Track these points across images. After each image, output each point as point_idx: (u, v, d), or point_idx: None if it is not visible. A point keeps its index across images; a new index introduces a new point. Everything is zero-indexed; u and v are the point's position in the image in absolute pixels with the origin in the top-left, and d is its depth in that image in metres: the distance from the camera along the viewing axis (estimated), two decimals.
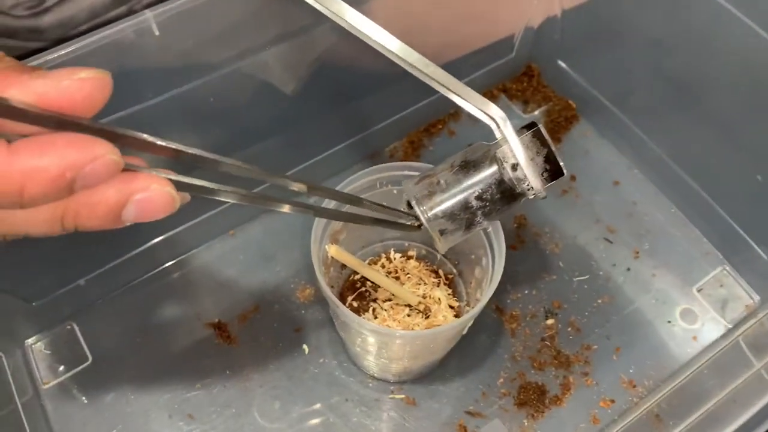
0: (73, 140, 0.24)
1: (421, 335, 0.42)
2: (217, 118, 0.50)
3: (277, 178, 0.33)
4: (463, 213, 0.40)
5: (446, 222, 0.40)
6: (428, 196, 0.40)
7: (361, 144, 0.64)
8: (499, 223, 0.45)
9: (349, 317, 0.41)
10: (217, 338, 0.55)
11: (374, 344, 0.45)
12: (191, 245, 0.60)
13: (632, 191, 0.64)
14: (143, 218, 0.27)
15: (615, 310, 0.58)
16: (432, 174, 0.41)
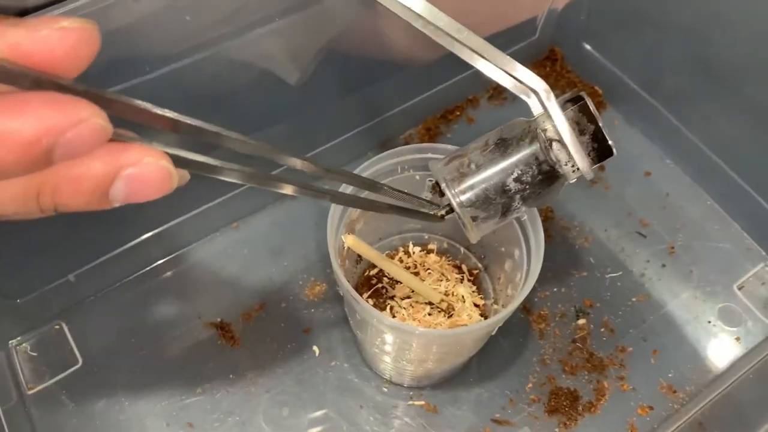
0: (51, 100, 0.20)
1: (456, 334, 0.38)
2: (218, 100, 0.47)
3: (289, 157, 0.29)
4: (500, 197, 0.36)
5: (480, 207, 0.36)
6: (459, 178, 0.36)
7: (373, 131, 0.61)
8: (536, 211, 0.41)
9: (370, 313, 0.37)
10: (219, 339, 0.52)
11: (396, 345, 0.42)
12: (191, 238, 0.56)
13: (665, 182, 0.61)
14: (135, 197, 0.23)
15: (651, 310, 0.54)
16: (463, 154, 0.37)
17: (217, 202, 0.55)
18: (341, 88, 0.55)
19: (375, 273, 0.52)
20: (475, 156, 0.37)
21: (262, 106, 0.50)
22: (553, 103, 0.34)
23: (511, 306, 0.38)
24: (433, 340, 0.39)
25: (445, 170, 0.37)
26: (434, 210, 0.39)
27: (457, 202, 0.36)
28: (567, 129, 0.34)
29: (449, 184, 0.36)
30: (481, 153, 0.36)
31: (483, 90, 0.67)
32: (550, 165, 0.36)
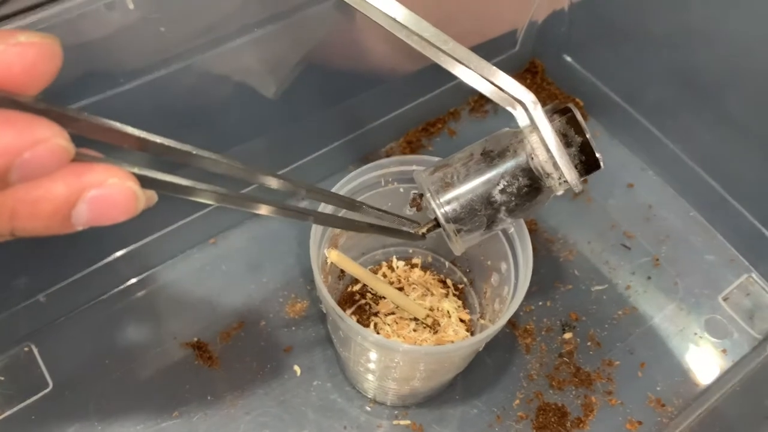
0: (8, 119, 0.19)
1: (444, 351, 0.37)
2: (194, 113, 0.46)
3: (264, 176, 0.28)
4: (485, 208, 0.36)
5: (464, 218, 0.36)
6: (444, 188, 0.36)
7: (354, 144, 0.60)
8: (524, 224, 0.41)
9: (354, 330, 0.36)
10: (196, 359, 0.50)
11: (381, 363, 0.41)
12: (166, 255, 0.55)
13: (648, 194, 0.61)
14: (99, 221, 0.21)
15: (637, 322, 0.54)
16: (449, 164, 0.37)
17: (194, 217, 0.54)
18: (321, 101, 0.54)
19: (358, 289, 0.51)
20: (460, 166, 0.36)
21: (239, 120, 0.49)
22: (541, 115, 0.34)
23: (501, 321, 0.37)
24: (420, 357, 0.38)
25: (430, 180, 0.36)
26: (415, 228, 0.38)
27: (441, 212, 0.36)
28: (554, 140, 0.34)
29: (433, 194, 0.36)
30: (467, 163, 0.36)
31: (464, 102, 0.67)
32: (537, 177, 0.35)
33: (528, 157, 0.35)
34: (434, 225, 0.38)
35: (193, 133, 0.47)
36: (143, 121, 0.43)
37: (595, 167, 0.36)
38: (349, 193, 0.43)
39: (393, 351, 0.37)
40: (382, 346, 0.37)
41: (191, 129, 0.47)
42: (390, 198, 0.45)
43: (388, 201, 0.46)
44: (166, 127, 0.45)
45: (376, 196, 0.45)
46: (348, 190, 0.43)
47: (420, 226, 0.38)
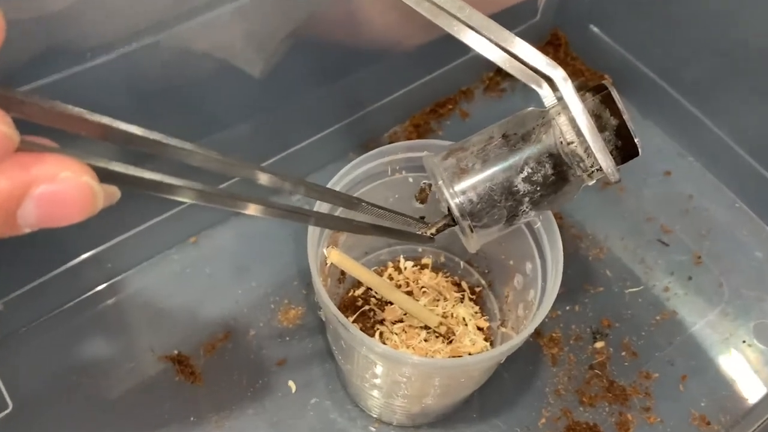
0: None
1: (463, 364, 0.37)
2: (170, 94, 0.46)
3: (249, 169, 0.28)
4: (506, 199, 0.35)
5: (482, 211, 0.35)
6: (459, 176, 0.35)
7: (353, 129, 0.60)
8: (551, 216, 0.40)
9: (359, 340, 0.36)
10: (176, 375, 0.50)
11: (388, 377, 0.40)
12: (140, 257, 0.55)
13: (687, 183, 0.61)
14: (49, 221, 0.20)
15: (677, 329, 0.54)
16: (465, 148, 0.36)
17: (172, 213, 0.53)
18: (314, 80, 0.54)
19: (361, 293, 0.50)
20: (478, 151, 0.36)
21: (221, 103, 0.49)
22: (572, 92, 0.34)
23: (527, 329, 0.37)
24: (434, 371, 0.38)
25: (442, 166, 0.36)
26: (423, 228, 0.38)
27: (455, 203, 0.35)
28: (587, 122, 0.33)
29: (447, 182, 0.35)
30: (485, 147, 0.36)
31: (478, 80, 0.66)
32: (566, 164, 0.35)
33: (556, 142, 0.34)
34: (445, 224, 0.37)
35: (169, 117, 0.47)
36: (112, 104, 0.43)
37: (632, 154, 0.35)
38: (351, 184, 0.43)
39: (403, 364, 0.37)
40: (391, 359, 0.36)
41: (166, 113, 0.46)
42: (397, 189, 0.45)
43: (394, 193, 0.45)
44: (138, 112, 0.45)
45: (381, 187, 0.44)
46: (349, 181, 0.43)
47: (428, 225, 0.38)
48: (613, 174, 0.34)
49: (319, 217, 0.32)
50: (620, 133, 0.34)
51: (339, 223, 0.34)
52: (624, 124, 0.34)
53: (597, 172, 0.35)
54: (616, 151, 0.35)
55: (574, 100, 0.34)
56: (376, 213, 0.36)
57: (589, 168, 0.35)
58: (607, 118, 0.34)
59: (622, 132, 0.34)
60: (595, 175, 0.35)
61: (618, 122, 0.34)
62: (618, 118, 0.34)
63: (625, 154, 0.35)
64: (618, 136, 0.34)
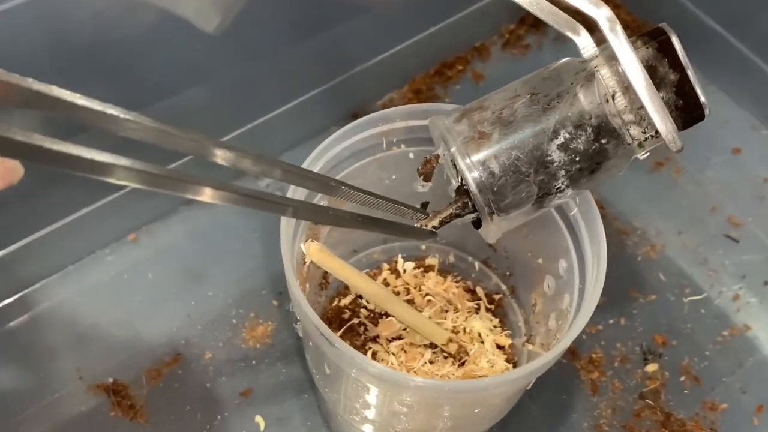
0: None
1: (479, 388, 0.37)
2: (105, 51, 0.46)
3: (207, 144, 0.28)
4: (536, 172, 0.35)
5: (506, 187, 0.35)
6: (477, 141, 0.35)
7: (337, 95, 0.61)
8: (592, 200, 0.41)
9: (348, 360, 0.36)
10: (112, 410, 0.50)
11: (385, 407, 0.41)
12: (63, 260, 0.55)
13: (761, 162, 0.62)
14: None
15: (751, 347, 0.54)
16: (483, 107, 0.36)
17: (103, 203, 0.54)
18: (286, 33, 0.54)
19: (349, 303, 0.50)
20: (500, 111, 0.36)
21: (168, 62, 0.49)
22: (621, 37, 0.34)
23: (561, 343, 0.37)
24: (443, 397, 0.38)
25: (456, 129, 0.36)
26: (421, 219, 0.38)
27: (473, 177, 0.35)
28: (641, 75, 0.33)
29: (462, 148, 0.35)
30: (511, 107, 0.36)
31: (495, 34, 0.66)
32: (612, 129, 0.35)
33: (600, 101, 0.34)
34: (451, 214, 0.38)
35: (100, 81, 0.47)
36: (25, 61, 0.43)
37: (697, 117, 0.35)
38: (335, 161, 0.43)
39: (403, 388, 0.37)
40: (389, 382, 0.36)
41: (97, 76, 0.47)
42: (394, 168, 0.45)
43: (391, 172, 0.45)
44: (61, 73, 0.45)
45: (374, 165, 0.44)
46: (332, 157, 0.43)
47: (430, 216, 0.38)
48: (673, 141, 0.34)
49: (298, 206, 0.32)
50: (682, 91, 0.34)
51: (315, 214, 0.34)
52: (686, 79, 0.34)
53: (651, 140, 0.35)
54: (676, 113, 0.35)
55: (625, 46, 0.34)
56: (361, 200, 0.35)
57: (641, 135, 0.34)
58: (664, 71, 0.34)
59: (685, 89, 0.34)
60: (649, 143, 0.35)
61: (679, 76, 0.34)
62: (679, 72, 0.34)
63: (688, 117, 0.35)
64: (679, 95, 0.34)
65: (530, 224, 0.45)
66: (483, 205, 0.36)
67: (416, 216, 0.38)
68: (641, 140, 0.35)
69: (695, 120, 0.35)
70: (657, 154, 0.61)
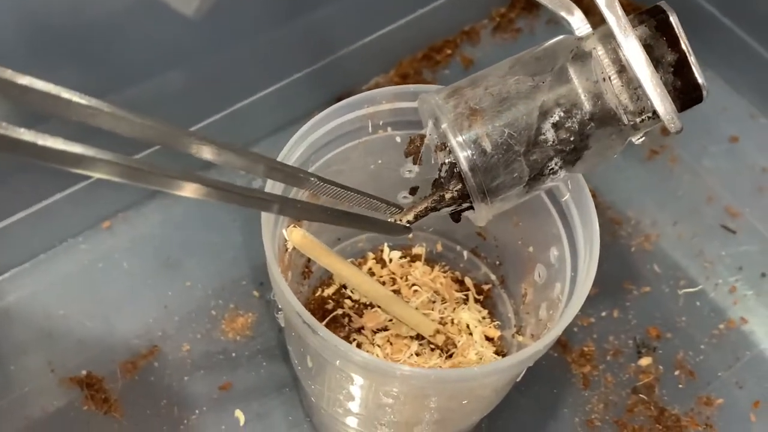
0: None
1: (468, 377, 0.37)
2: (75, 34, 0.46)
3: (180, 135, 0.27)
4: (529, 151, 0.35)
5: (497, 167, 0.35)
6: (469, 118, 0.35)
7: (320, 79, 0.60)
8: (584, 184, 0.41)
9: (333, 349, 0.36)
10: (85, 403, 0.50)
11: (369, 398, 0.41)
12: (34, 248, 0.55)
13: (760, 151, 0.62)
14: None
15: (747, 341, 0.55)
16: (476, 83, 0.36)
17: (76, 189, 0.54)
18: (267, 15, 0.55)
19: (332, 293, 0.50)
20: (493, 87, 0.36)
21: (144, 44, 0.49)
22: (619, 14, 0.34)
23: (554, 330, 0.37)
24: (431, 387, 0.38)
25: (448, 106, 0.36)
26: (395, 213, 0.38)
27: (465, 156, 0.35)
28: (640, 53, 0.33)
29: (453, 125, 0.35)
30: (504, 83, 0.36)
31: (485, 16, 0.67)
32: (608, 110, 0.35)
33: (598, 79, 0.35)
34: (426, 208, 0.37)
35: (77, 63, 0.47)
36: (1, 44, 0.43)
37: (695, 98, 0.35)
38: (317, 145, 0.43)
39: (389, 377, 0.37)
40: (375, 371, 0.36)
41: (73, 57, 0.47)
42: (380, 152, 0.45)
43: (377, 157, 0.45)
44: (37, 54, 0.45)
45: (360, 148, 0.44)
46: (315, 140, 0.42)
47: (404, 210, 0.38)
48: (672, 121, 0.34)
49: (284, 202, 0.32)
50: (680, 71, 0.34)
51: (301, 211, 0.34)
52: (685, 59, 0.34)
53: (648, 121, 0.35)
54: (674, 94, 0.34)
55: (622, 23, 0.34)
56: (331, 192, 0.35)
57: (637, 116, 0.34)
58: (662, 51, 0.34)
59: (683, 70, 0.34)
60: (645, 124, 0.35)
61: (677, 57, 0.34)
62: (677, 51, 0.34)
63: (686, 98, 0.34)
64: (677, 75, 0.34)
65: (521, 212, 0.45)
66: (474, 186, 0.35)
67: (390, 210, 0.38)
68: (637, 121, 0.35)
69: (693, 101, 0.35)
70: (652, 141, 0.62)
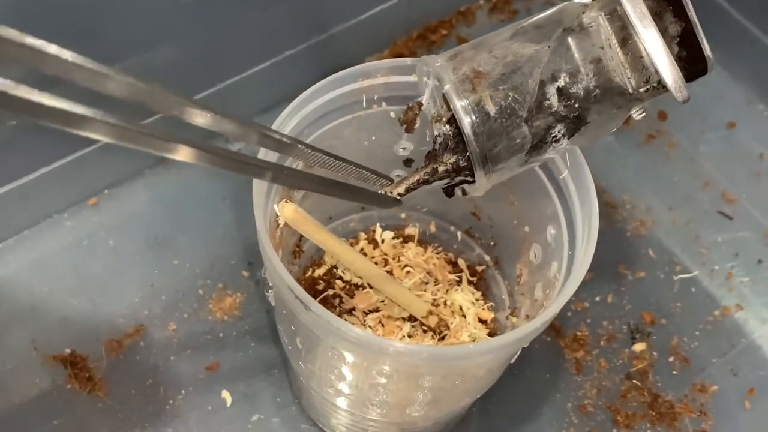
0: None
1: (464, 354, 0.36)
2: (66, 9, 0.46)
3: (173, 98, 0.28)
4: (533, 117, 0.35)
5: (501, 130, 0.35)
6: (473, 81, 0.35)
7: (313, 57, 0.60)
8: (582, 161, 0.41)
9: (325, 325, 0.35)
10: (68, 382, 0.50)
11: (363, 378, 0.40)
12: (17, 224, 0.55)
13: (757, 138, 0.62)
14: None
15: (743, 328, 0.55)
16: (479, 47, 0.36)
17: (62, 163, 0.53)
18: None
19: (323, 273, 0.50)
20: (497, 51, 0.35)
21: (137, 20, 0.49)
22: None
23: (553, 306, 0.36)
24: (425, 365, 0.37)
25: (449, 68, 0.35)
26: (385, 185, 0.37)
27: (469, 123, 0.35)
28: (648, 20, 0.33)
29: (457, 86, 0.35)
30: (508, 47, 0.35)
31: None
32: (611, 78, 0.35)
33: (604, 45, 0.34)
34: (418, 180, 0.37)
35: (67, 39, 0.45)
36: None
37: (700, 70, 0.35)
38: (309, 120, 0.42)
39: (382, 354, 0.36)
40: (368, 348, 0.36)
41: (63, 33, 0.45)
42: (375, 127, 0.44)
43: (371, 133, 0.45)
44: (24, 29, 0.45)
45: (353, 123, 0.44)
46: (307, 114, 0.42)
47: (397, 182, 0.37)
48: (679, 90, 0.33)
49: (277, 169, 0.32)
50: (686, 42, 0.34)
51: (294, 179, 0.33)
52: (691, 30, 0.34)
53: (652, 91, 0.34)
54: (680, 65, 0.34)
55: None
56: (323, 162, 0.35)
57: (642, 84, 0.34)
58: (668, 20, 0.34)
59: (689, 40, 0.34)
60: (650, 94, 0.35)
61: (683, 27, 0.34)
62: (684, 22, 0.34)
63: (691, 69, 0.34)
64: (682, 46, 0.34)
65: (517, 190, 0.45)
66: (476, 150, 0.35)
67: (380, 182, 0.37)
68: (642, 91, 0.35)
69: (698, 73, 0.35)
70: (649, 126, 0.62)
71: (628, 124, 0.61)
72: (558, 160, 0.41)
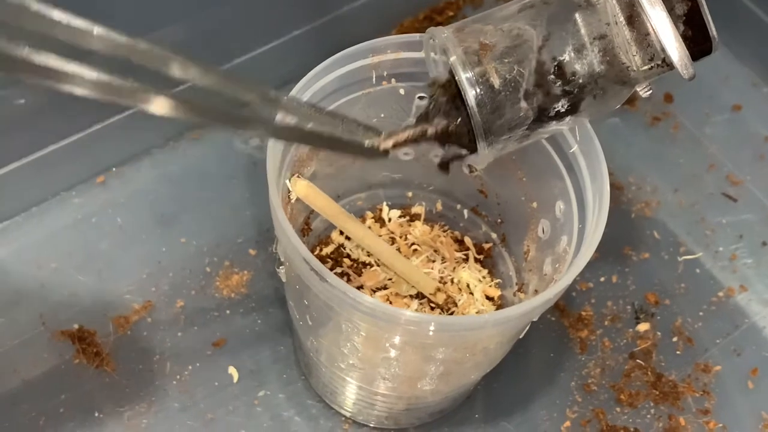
0: None
1: (479, 324, 0.37)
2: None
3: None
4: (537, 91, 0.36)
5: (505, 103, 0.35)
6: (479, 53, 0.35)
7: (317, 39, 0.60)
8: (593, 134, 0.41)
9: (340, 296, 0.36)
10: (76, 357, 0.50)
11: (375, 351, 0.41)
12: (27, 200, 0.55)
13: (762, 120, 0.63)
14: None
15: (746, 309, 0.55)
16: (486, 20, 0.37)
17: (70, 141, 0.54)
18: None
19: (331, 251, 0.51)
20: (504, 24, 0.36)
21: None
22: None
23: (565, 277, 0.37)
24: (439, 336, 0.37)
25: (456, 39, 0.36)
26: (371, 139, 0.37)
27: (473, 95, 0.35)
28: None
29: (462, 58, 0.35)
30: (514, 21, 0.36)
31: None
32: (618, 52, 0.35)
33: (611, 22, 0.35)
34: (407, 138, 0.37)
35: None
36: None
37: (705, 50, 0.36)
38: (321, 94, 0.43)
39: (395, 323, 0.37)
40: (384, 318, 0.36)
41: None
42: (384, 104, 0.45)
43: (380, 110, 0.45)
44: None
45: (362, 100, 0.44)
46: (319, 89, 0.42)
47: (389, 134, 0.37)
48: (686, 68, 0.34)
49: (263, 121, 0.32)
50: (691, 21, 0.35)
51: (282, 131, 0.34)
52: (697, 9, 0.34)
53: (657, 68, 0.35)
54: (685, 43, 0.35)
55: None
56: (306, 114, 0.35)
57: (647, 62, 0.35)
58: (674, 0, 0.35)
59: (695, 20, 0.35)
60: (654, 72, 0.35)
61: (689, 6, 0.34)
62: (690, 1, 0.34)
63: (696, 49, 0.35)
64: (688, 25, 0.35)
65: (526, 167, 0.46)
66: (479, 122, 0.36)
67: (367, 134, 0.37)
68: (647, 68, 0.35)
69: (703, 53, 0.35)
70: (654, 108, 0.62)
71: (635, 105, 0.62)
72: (567, 134, 0.42)
